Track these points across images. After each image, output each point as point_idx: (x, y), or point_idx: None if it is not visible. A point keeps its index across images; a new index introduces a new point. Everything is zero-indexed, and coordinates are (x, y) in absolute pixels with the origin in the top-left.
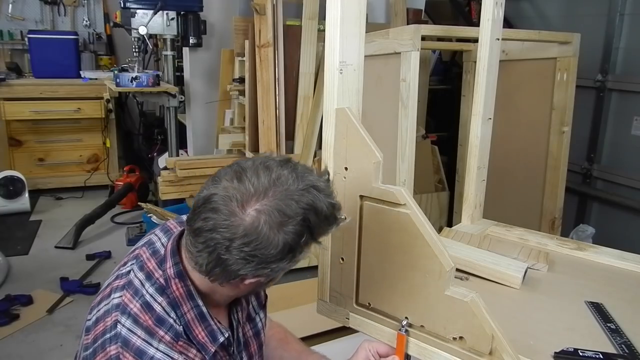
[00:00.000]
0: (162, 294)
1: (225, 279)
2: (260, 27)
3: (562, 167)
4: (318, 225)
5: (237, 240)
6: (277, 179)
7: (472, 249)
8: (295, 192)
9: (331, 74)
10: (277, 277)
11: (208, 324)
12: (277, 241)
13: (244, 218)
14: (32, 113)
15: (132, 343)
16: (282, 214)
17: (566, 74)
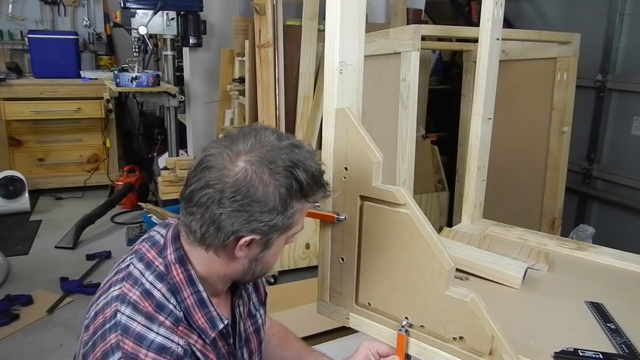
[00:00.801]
0: (162, 281)
1: (219, 241)
2: (260, 27)
3: (562, 167)
4: (306, 181)
5: (228, 190)
6: (263, 139)
7: (472, 249)
8: (281, 147)
9: (331, 74)
10: (272, 243)
11: (208, 310)
12: (267, 190)
13: (233, 169)
14: (32, 113)
15: (132, 329)
16: (270, 164)
17: (566, 74)
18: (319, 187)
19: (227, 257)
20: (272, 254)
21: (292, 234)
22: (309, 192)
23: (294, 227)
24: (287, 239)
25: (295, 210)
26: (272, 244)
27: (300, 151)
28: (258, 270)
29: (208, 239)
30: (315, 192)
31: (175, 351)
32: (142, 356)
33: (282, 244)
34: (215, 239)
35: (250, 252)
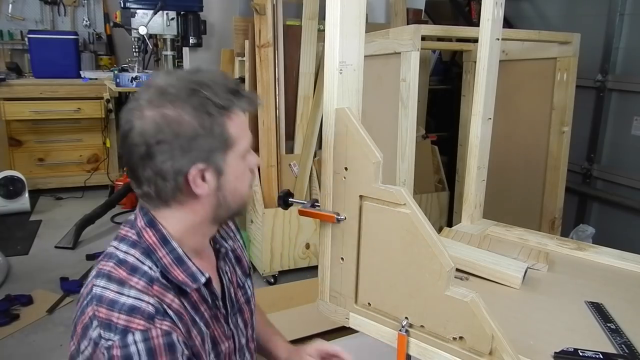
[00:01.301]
0: (135, 247)
1: (172, 188)
2: (260, 27)
3: (562, 167)
4: (215, 94)
5: (150, 141)
6: (157, 82)
7: (472, 249)
8: (176, 80)
9: (331, 74)
10: (224, 167)
11: (187, 266)
12: (181, 121)
13: (143, 121)
14: (32, 113)
15: (104, 297)
16: (169, 97)
17: (566, 74)
18: (236, 95)
19: (191, 201)
20: (234, 178)
21: (243, 151)
22: (226, 103)
23: (238, 143)
24: (245, 160)
25: (222, 125)
26: (224, 167)
27: (197, 74)
28: (229, 200)
29: (163, 193)
30: (233, 100)
31: (145, 310)
32: (115, 320)
33: (239, 165)
34: (167, 189)
35: (209, 185)
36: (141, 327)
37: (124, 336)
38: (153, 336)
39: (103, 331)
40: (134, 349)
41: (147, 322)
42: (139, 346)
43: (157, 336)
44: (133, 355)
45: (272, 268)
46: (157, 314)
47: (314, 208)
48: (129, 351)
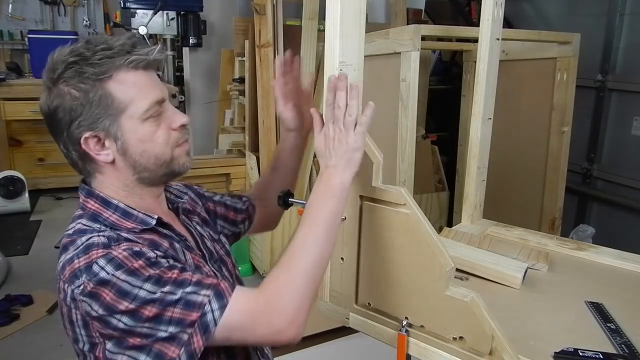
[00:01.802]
0: (82, 217)
1: (77, 156)
2: (260, 27)
3: (562, 167)
4: (83, 60)
5: (45, 114)
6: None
7: (472, 249)
8: (69, 50)
9: (331, 74)
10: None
11: (135, 216)
12: (61, 92)
13: (41, 97)
14: (32, 113)
15: (65, 263)
16: (50, 72)
17: (566, 74)
18: (116, 55)
19: (105, 167)
20: (138, 141)
21: (141, 112)
22: (103, 68)
23: (132, 105)
24: (148, 120)
25: (100, 93)
26: (118, 132)
27: (82, 44)
28: (143, 162)
29: (77, 163)
30: (107, 63)
31: (99, 242)
32: (76, 267)
33: (141, 127)
34: (75, 157)
35: (109, 151)
36: (101, 254)
37: (89, 270)
38: (115, 255)
39: (72, 285)
40: (103, 274)
41: (104, 249)
42: (107, 268)
43: (119, 253)
44: (104, 277)
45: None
46: (111, 241)
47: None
48: (99, 277)
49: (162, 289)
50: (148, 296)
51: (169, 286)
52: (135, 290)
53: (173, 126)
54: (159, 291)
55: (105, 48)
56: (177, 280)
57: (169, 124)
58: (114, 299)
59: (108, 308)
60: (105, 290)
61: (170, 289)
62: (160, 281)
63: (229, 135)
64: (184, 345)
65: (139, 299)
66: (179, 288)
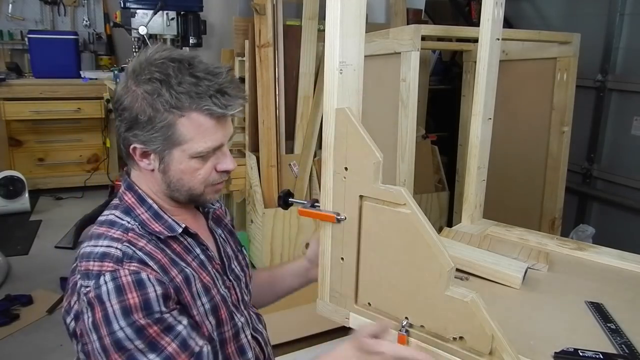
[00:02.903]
0: (117, 208)
1: (125, 152)
2: (260, 27)
3: (562, 167)
4: (172, 88)
5: (115, 103)
6: (148, 55)
7: (472, 249)
8: (156, 59)
9: (331, 74)
10: (168, 158)
11: (164, 220)
12: (134, 98)
13: (119, 83)
14: (32, 113)
15: (84, 253)
16: (136, 75)
17: (566, 74)
18: (198, 95)
19: (144, 171)
20: (179, 171)
21: (193, 152)
22: (180, 103)
23: (188, 144)
24: (201, 160)
25: (167, 122)
26: (167, 157)
27: (176, 59)
28: (177, 186)
29: (123, 154)
30: (185, 102)
31: (114, 254)
32: (90, 268)
33: (189, 162)
34: (124, 151)
35: (152, 164)
36: (110, 269)
37: (97, 279)
38: (120, 275)
39: (82, 280)
40: (104, 289)
41: (115, 264)
42: (109, 286)
43: (125, 275)
44: (103, 294)
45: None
46: (124, 257)
47: (314, 208)
48: (100, 292)
49: (137, 343)
50: (123, 341)
51: (144, 345)
52: (116, 327)
53: (218, 168)
54: (134, 343)
55: (192, 82)
56: (153, 341)
57: (215, 164)
58: (100, 321)
59: (94, 324)
60: (98, 308)
61: (143, 347)
62: (140, 333)
63: None
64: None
65: (115, 338)
66: (149, 351)
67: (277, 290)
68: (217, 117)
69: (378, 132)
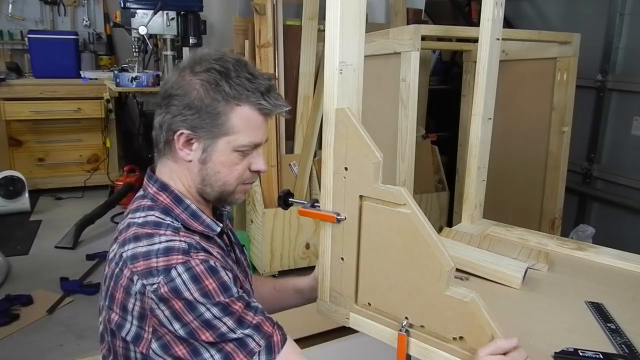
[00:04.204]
0: (153, 209)
1: (164, 138)
2: (260, 27)
3: (562, 167)
4: (232, 81)
5: (167, 90)
6: (205, 54)
7: (472, 249)
8: (213, 54)
9: (331, 74)
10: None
11: (202, 220)
12: (189, 86)
13: (171, 74)
14: (32, 113)
15: (138, 253)
16: (195, 65)
17: (566, 74)
18: (255, 93)
19: (179, 160)
20: (219, 163)
21: (240, 145)
22: (237, 95)
23: (235, 135)
24: (242, 156)
25: (221, 110)
26: (211, 147)
27: (233, 63)
28: (212, 179)
29: (159, 141)
30: (248, 96)
31: (180, 247)
32: (154, 265)
33: (230, 155)
34: (161, 139)
35: (193, 154)
36: (181, 261)
37: (167, 274)
38: (193, 265)
39: (145, 280)
40: (179, 281)
41: (184, 255)
42: (184, 276)
43: (197, 264)
44: (179, 285)
45: (272, 268)
46: (191, 248)
47: (314, 208)
48: (175, 284)
49: (226, 319)
50: (212, 320)
51: (233, 321)
52: (202, 309)
53: (252, 167)
54: (222, 321)
55: (248, 78)
56: (240, 317)
57: (250, 164)
58: (182, 309)
59: (174, 314)
60: (176, 298)
61: (232, 325)
62: (227, 310)
63: None
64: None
65: (203, 319)
66: (239, 327)
67: (277, 305)
68: (265, 114)
69: (378, 132)
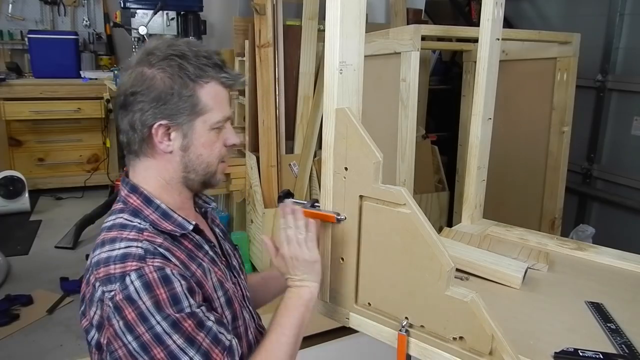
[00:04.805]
0: (123, 212)
1: (139, 138)
2: (260, 27)
3: (562, 167)
4: (190, 62)
5: (126, 94)
6: (150, 46)
7: (472, 249)
8: (162, 43)
9: (331, 74)
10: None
11: (173, 219)
12: (154, 78)
13: (127, 74)
14: (32, 113)
15: (100, 259)
16: (149, 56)
17: (566, 74)
18: (215, 67)
19: (159, 156)
20: (200, 144)
21: (214, 122)
22: (200, 72)
23: (209, 113)
24: (218, 132)
25: (192, 91)
26: (189, 131)
27: (184, 44)
28: (195, 164)
29: (133, 143)
30: (209, 72)
31: (136, 253)
32: (112, 272)
33: (208, 134)
34: (136, 139)
35: (173, 143)
36: (134, 267)
37: (122, 281)
38: (146, 272)
39: (105, 287)
40: (132, 289)
41: (139, 262)
42: (136, 284)
43: (151, 272)
44: (132, 294)
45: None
46: (146, 254)
47: (314, 208)
48: (129, 292)
49: (175, 337)
50: (162, 335)
51: (183, 340)
52: (153, 322)
53: (227, 143)
54: (172, 338)
55: (205, 56)
56: (190, 336)
57: (225, 140)
58: (134, 320)
59: (127, 325)
60: (129, 308)
61: (182, 343)
62: (176, 326)
63: None
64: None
65: (154, 332)
66: (189, 347)
67: (268, 293)
68: (228, 86)
69: (378, 132)
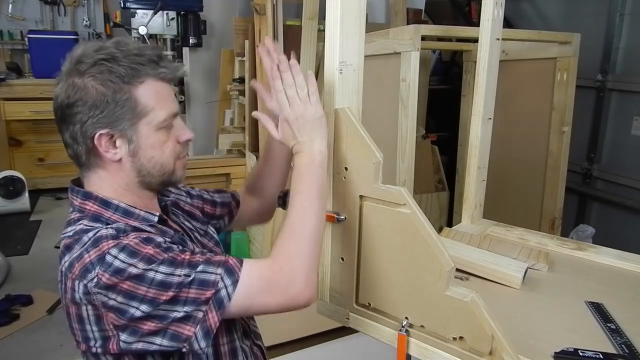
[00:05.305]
0: (82, 220)
1: (85, 150)
2: (260, 27)
3: (562, 167)
4: (121, 65)
5: (62, 109)
6: (78, 55)
7: (472, 249)
8: (89, 50)
9: (331, 74)
10: (135, 135)
11: (137, 215)
12: (85, 89)
13: (60, 86)
14: (32, 113)
15: (72, 262)
16: (77, 65)
17: (566, 74)
18: (151, 64)
19: (110, 165)
20: (149, 147)
21: (159, 121)
22: (133, 72)
23: (152, 113)
24: (167, 131)
25: (127, 95)
26: (134, 135)
27: (112, 46)
28: (148, 167)
29: (80, 156)
30: (143, 70)
31: (108, 234)
32: (87, 261)
33: (155, 135)
34: (81, 151)
35: (120, 150)
36: (112, 244)
37: (102, 262)
38: (126, 243)
39: (84, 279)
40: (118, 262)
41: (114, 240)
42: (120, 256)
43: (130, 240)
44: (120, 266)
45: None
46: (119, 232)
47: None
48: (115, 266)
49: (177, 270)
50: (165, 279)
51: (183, 268)
52: (152, 274)
53: (180, 139)
54: (174, 273)
55: (137, 54)
56: (190, 262)
57: (177, 136)
58: (132, 286)
59: (127, 295)
60: (121, 278)
61: (185, 271)
62: (174, 263)
63: (229, 135)
64: (199, 322)
65: (156, 282)
66: (192, 270)
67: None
68: (168, 80)
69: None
